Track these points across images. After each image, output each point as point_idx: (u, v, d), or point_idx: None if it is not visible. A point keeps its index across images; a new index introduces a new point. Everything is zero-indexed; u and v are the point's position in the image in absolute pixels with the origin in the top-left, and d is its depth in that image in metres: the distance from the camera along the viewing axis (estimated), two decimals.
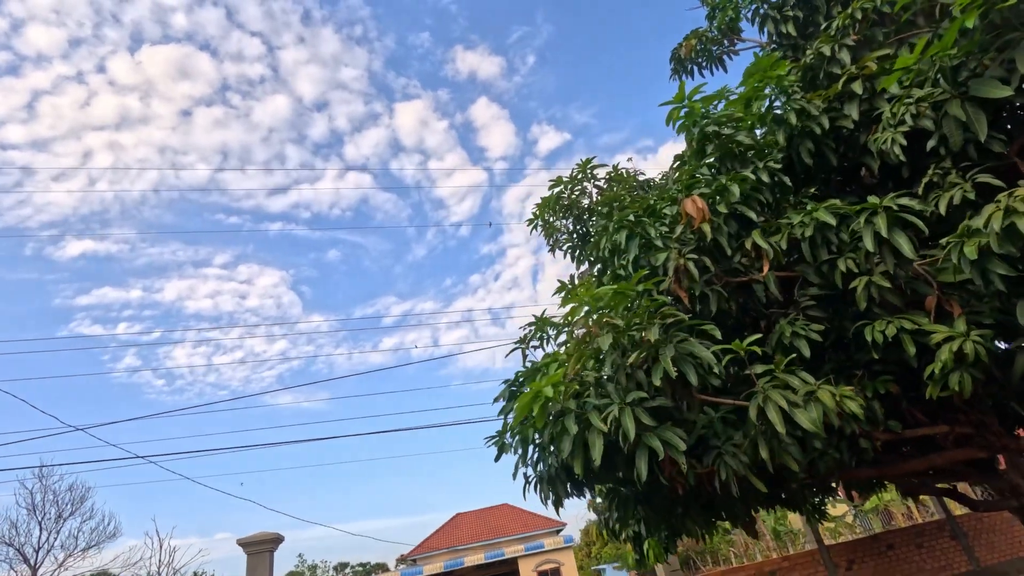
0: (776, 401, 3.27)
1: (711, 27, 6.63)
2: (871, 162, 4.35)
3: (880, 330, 3.75)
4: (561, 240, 7.15)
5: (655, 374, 3.43)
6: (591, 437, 3.66)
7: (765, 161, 4.44)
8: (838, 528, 18.94)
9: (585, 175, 7.14)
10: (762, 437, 3.46)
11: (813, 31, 5.49)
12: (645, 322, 3.69)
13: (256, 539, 10.17)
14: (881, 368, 4.39)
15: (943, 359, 3.41)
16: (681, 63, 6.93)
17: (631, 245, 4.06)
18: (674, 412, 3.80)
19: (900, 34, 4.55)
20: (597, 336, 3.85)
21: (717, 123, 4.58)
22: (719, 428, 4.10)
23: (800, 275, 4.35)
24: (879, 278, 3.69)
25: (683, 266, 3.87)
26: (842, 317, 4.44)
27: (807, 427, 3.16)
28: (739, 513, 5.05)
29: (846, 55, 4.48)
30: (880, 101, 4.18)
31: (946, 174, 3.69)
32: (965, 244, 3.17)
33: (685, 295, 3.90)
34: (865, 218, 3.69)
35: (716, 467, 3.84)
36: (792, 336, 3.97)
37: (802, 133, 4.43)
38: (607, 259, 5.00)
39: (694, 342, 3.44)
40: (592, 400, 3.84)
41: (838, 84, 4.31)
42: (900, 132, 3.79)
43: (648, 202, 4.42)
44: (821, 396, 3.29)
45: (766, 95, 4.70)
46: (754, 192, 4.16)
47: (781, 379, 3.49)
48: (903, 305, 3.81)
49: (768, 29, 5.62)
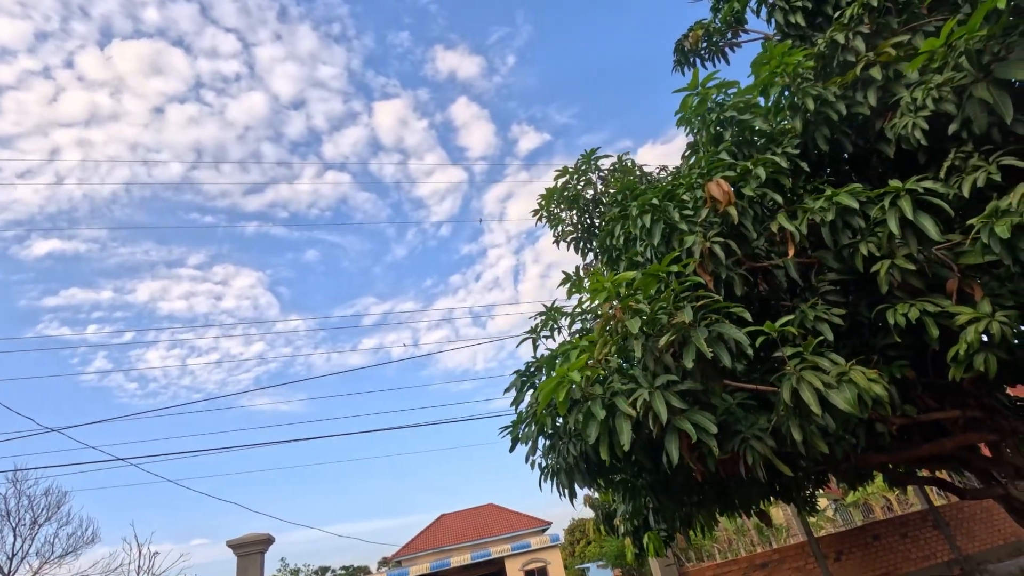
0: (811, 382, 3.25)
1: (715, 19, 6.65)
2: (886, 148, 4.39)
3: (903, 313, 3.77)
4: (566, 232, 7.10)
5: (687, 356, 3.38)
6: (618, 422, 3.61)
7: (782, 147, 4.44)
8: (819, 522, 19.29)
9: (589, 166, 7.11)
10: (794, 420, 3.44)
11: (821, 21, 5.53)
12: (671, 305, 3.65)
13: (246, 540, 9.89)
14: (895, 353, 4.43)
15: (969, 340, 3.43)
16: (685, 55, 6.95)
17: (656, 229, 4.02)
18: (701, 396, 3.77)
19: (912, 23, 4.60)
20: (622, 320, 3.79)
21: (734, 109, 4.57)
22: (740, 414, 4.09)
23: (817, 260, 4.36)
24: (902, 260, 3.70)
25: (709, 249, 3.84)
26: (858, 302, 4.48)
27: (843, 407, 3.14)
28: (753, 501, 5.05)
29: (860, 43, 4.51)
30: (897, 87, 4.21)
31: (968, 157, 3.73)
32: (995, 224, 3.19)
33: (710, 279, 3.87)
34: (889, 201, 3.70)
35: (742, 452, 3.81)
36: (815, 320, 3.97)
37: (818, 119, 4.44)
38: (620, 247, 4.96)
39: (726, 323, 3.41)
40: (617, 385, 3.79)
41: (855, 70, 4.34)
42: (921, 117, 3.81)
43: (667, 188, 4.39)
44: (854, 377, 3.28)
45: (781, 82, 4.71)
46: (775, 176, 4.16)
47: (811, 360, 3.48)
48: (924, 288, 3.83)
49: (776, 19, 5.65)
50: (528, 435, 4.88)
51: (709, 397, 3.78)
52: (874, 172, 4.90)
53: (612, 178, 7.13)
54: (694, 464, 3.92)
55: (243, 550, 9.85)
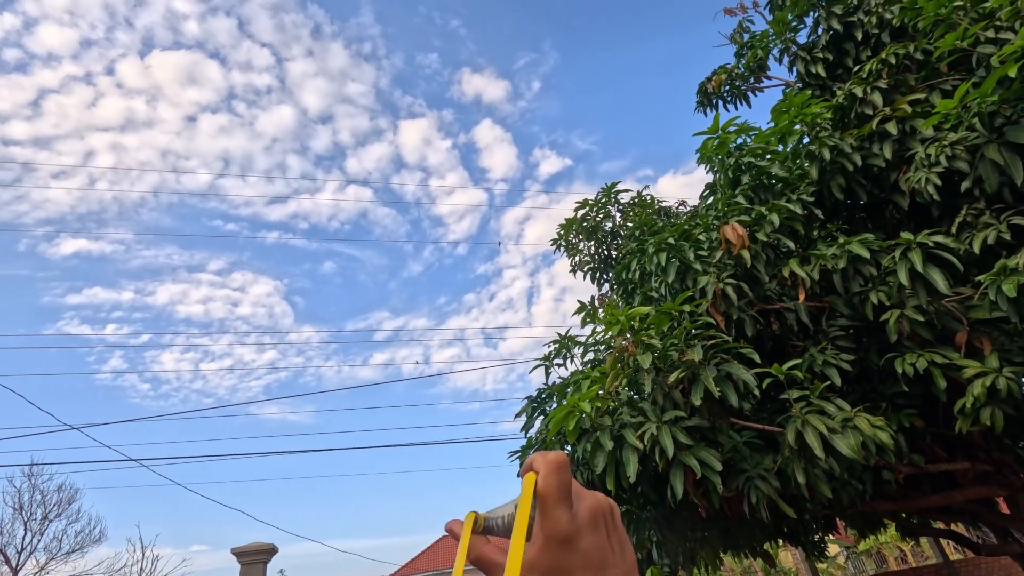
0: (815, 426, 3.33)
1: (739, 64, 6.86)
2: (900, 200, 4.50)
3: (911, 362, 3.83)
4: (583, 261, 7.27)
5: (695, 393, 3.49)
6: (626, 454, 3.70)
7: (798, 194, 4.58)
8: (830, 569, 18.76)
9: (609, 199, 7.30)
10: (798, 462, 3.51)
11: (841, 73, 5.70)
12: (682, 343, 3.77)
13: (251, 549, 9.98)
14: (904, 402, 4.47)
15: (975, 393, 3.49)
16: (707, 96, 7.15)
17: (670, 267, 4.16)
18: (708, 433, 3.85)
19: (929, 80, 4.75)
20: (634, 354, 3.91)
21: (753, 154, 4.73)
22: (746, 452, 4.15)
23: (829, 305, 4.45)
24: (912, 311, 3.79)
25: (721, 290, 3.97)
26: (868, 349, 4.54)
27: (846, 453, 3.21)
28: (758, 542, 5.06)
29: (878, 97, 4.66)
30: (913, 142, 4.34)
31: (979, 215, 3.83)
32: (1003, 282, 3.28)
33: (721, 319, 3.99)
34: (900, 252, 3.81)
35: (746, 491, 3.87)
36: (823, 364, 4.05)
37: (834, 169, 4.58)
38: (636, 282, 5.10)
39: (735, 364, 3.51)
40: (626, 417, 3.89)
41: (871, 124, 4.48)
42: (935, 172, 3.94)
43: (683, 227, 4.54)
44: (859, 423, 3.36)
45: (799, 131, 4.87)
46: (789, 222, 4.29)
47: (817, 405, 3.56)
48: (933, 339, 3.90)
49: (798, 69, 5.84)
50: None
51: (716, 434, 3.87)
52: (888, 222, 5.00)
53: (631, 212, 7.30)
54: (698, 500, 3.99)
55: (247, 558, 9.93)
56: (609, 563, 0.43)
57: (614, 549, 0.44)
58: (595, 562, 0.42)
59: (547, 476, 0.43)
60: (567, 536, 0.42)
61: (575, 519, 0.42)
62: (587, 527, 0.43)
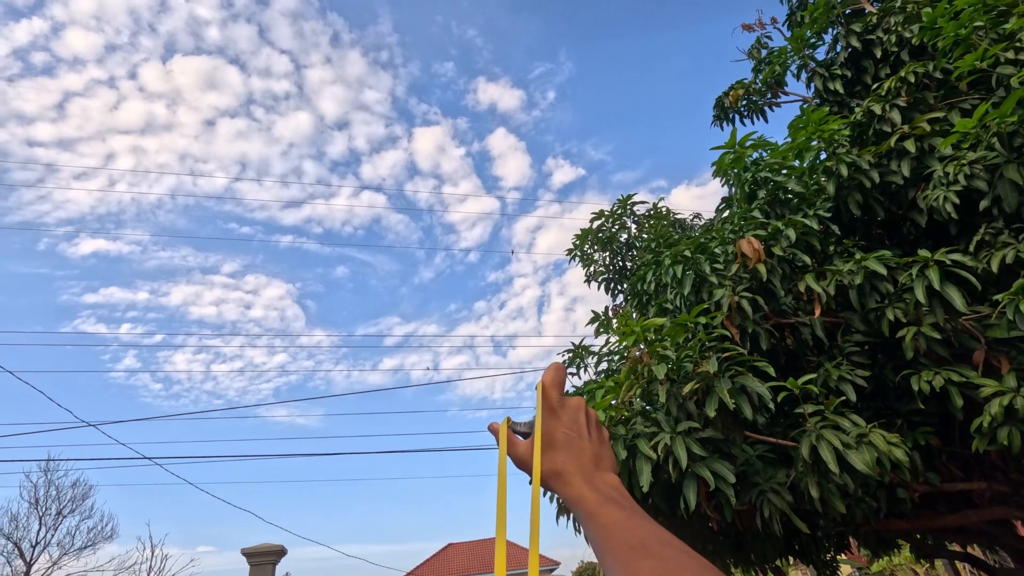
0: (830, 441, 3.34)
1: (756, 79, 6.91)
2: (918, 217, 4.51)
3: (927, 380, 3.83)
4: (598, 272, 7.32)
5: (710, 405, 3.52)
6: (639, 464, 3.73)
7: (815, 209, 4.61)
8: None
9: (625, 210, 7.36)
10: (812, 477, 3.52)
11: (860, 90, 5.73)
12: (697, 354, 3.80)
13: (260, 550, 10.07)
14: (920, 419, 4.45)
15: (993, 413, 3.48)
16: (724, 111, 7.21)
17: (686, 279, 4.20)
18: (721, 445, 3.87)
19: (948, 99, 4.77)
20: (648, 365, 3.95)
21: (769, 169, 4.77)
22: (759, 466, 4.16)
23: (844, 321, 4.46)
24: (928, 329, 3.79)
25: (737, 303, 4.00)
26: (883, 366, 4.53)
27: (861, 469, 3.22)
28: (769, 558, 5.04)
29: (896, 115, 4.69)
30: (931, 160, 4.36)
31: (998, 234, 3.84)
32: (1021, 301, 3.28)
33: (737, 332, 4.01)
34: (917, 270, 3.82)
35: (759, 504, 3.88)
36: (839, 380, 4.05)
37: (852, 185, 4.60)
38: (651, 293, 5.14)
39: (750, 376, 3.54)
40: (640, 427, 3.92)
41: (890, 141, 4.51)
42: (953, 191, 3.95)
43: (699, 240, 4.58)
44: (874, 440, 3.36)
45: (817, 147, 4.91)
46: (805, 237, 4.32)
47: (832, 419, 3.57)
48: (950, 357, 3.90)
49: (816, 85, 5.87)
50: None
51: (729, 447, 3.88)
52: (905, 239, 5.00)
53: (647, 223, 7.35)
54: (711, 512, 4.00)
55: (256, 559, 10.01)
56: (584, 431, 0.64)
57: (590, 424, 0.66)
58: (574, 425, 0.64)
59: (547, 374, 0.68)
60: (553, 407, 0.65)
61: (561, 398, 0.66)
62: (569, 405, 0.66)
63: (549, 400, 0.64)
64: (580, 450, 0.61)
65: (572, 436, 0.62)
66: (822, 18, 5.95)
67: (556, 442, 0.62)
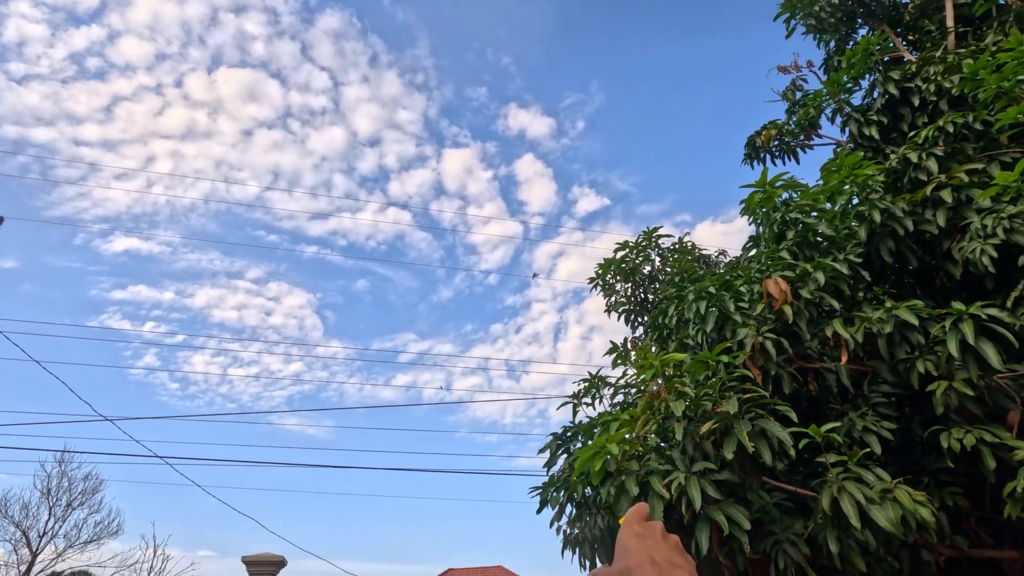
0: (852, 494, 3.21)
1: (789, 120, 6.91)
2: (952, 269, 4.40)
3: (957, 438, 3.68)
4: (619, 302, 7.27)
5: (728, 446, 3.43)
6: (651, 501, 3.64)
7: (845, 253, 4.53)
8: None
9: (650, 242, 7.34)
10: (832, 530, 3.38)
11: (896, 137, 5.68)
12: (717, 393, 3.72)
13: (261, 559, 10.01)
14: (948, 479, 4.26)
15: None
16: (755, 150, 7.20)
17: (709, 316, 4.15)
18: (737, 490, 3.76)
19: (988, 151, 4.69)
20: (666, 401, 3.88)
21: (800, 210, 4.72)
22: (776, 514, 4.02)
23: (872, 370, 4.33)
24: (960, 384, 3.66)
25: (760, 344, 3.92)
26: (911, 419, 4.37)
27: (884, 526, 3.09)
28: None
29: (933, 164, 4.62)
30: (968, 211, 4.27)
31: None
32: None
33: (759, 373, 3.93)
34: (951, 322, 3.71)
35: (774, 555, 3.74)
36: (863, 430, 3.92)
37: (884, 232, 4.52)
38: (672, 328, 5.08)
39: (771, 420, 3.45)
40: (654, 464, 3.83)
41: (926, 189, 4.44)
42: (991, 244, 3.85)
43: (724, 277, 4.53)
44: (899, 496, 3.23)
45: (849, 191, 4.85)
46: (834, 281, 4.24)
47: (855, 472, 3.44)
48: (982, 416, 3.75)
49: (851, 129, 5.84)
50: (557, 500, 4.90)
51: (746, 492, 3.76)
52: (938, 290, 4.87)
53: (671, 257, 7.31)
54: (723, 559, 3.86)
55: (256, 568, 9.95)
56: (657, 558, 0.61)
57: (663, 550, 0.63)
58: (644, 558, 0.61)
59: (627, 514, 0.71)
60: (623, 544, 0.65)
61: (635, 536, 0.65)
62: (637, 536, 0.65)
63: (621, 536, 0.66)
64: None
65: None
66: (859, 64, 5.94)
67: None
